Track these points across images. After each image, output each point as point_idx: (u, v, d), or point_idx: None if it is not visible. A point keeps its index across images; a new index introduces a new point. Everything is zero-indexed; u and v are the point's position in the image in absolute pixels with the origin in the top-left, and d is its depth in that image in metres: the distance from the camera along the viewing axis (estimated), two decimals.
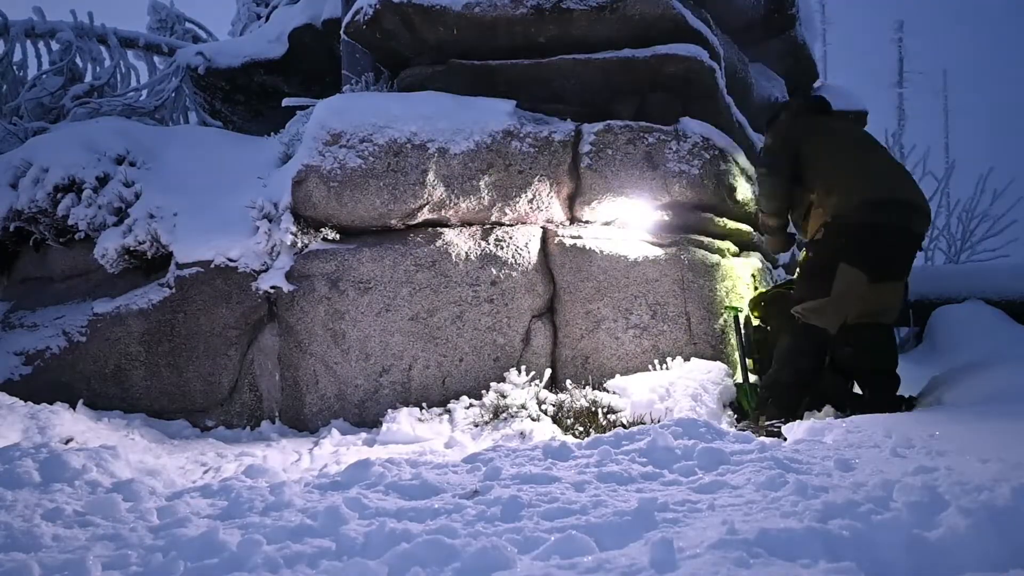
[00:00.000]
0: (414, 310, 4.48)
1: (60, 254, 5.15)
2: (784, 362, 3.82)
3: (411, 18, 4.92)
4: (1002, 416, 3.09)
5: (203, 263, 4.63)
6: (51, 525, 2.18)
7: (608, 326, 4.47)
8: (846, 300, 3.68)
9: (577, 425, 3.95)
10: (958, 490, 1.79)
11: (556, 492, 2.23)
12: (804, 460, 2.46)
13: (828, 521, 1.72)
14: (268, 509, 2.28)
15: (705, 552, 1.58)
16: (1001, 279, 6.18)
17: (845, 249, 3.68)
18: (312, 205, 4.56)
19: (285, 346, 4.58)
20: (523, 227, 4.65)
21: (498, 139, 4.61)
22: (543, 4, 4.75)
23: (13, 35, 7.28)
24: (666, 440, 2.69)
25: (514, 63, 4.98)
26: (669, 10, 4.77)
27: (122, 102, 6.77)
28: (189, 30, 9.00)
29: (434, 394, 4.43)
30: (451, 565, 1.67)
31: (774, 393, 3.81)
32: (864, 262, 3.66)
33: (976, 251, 11.33)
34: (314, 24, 6.86)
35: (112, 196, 4.88)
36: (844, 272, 3.66)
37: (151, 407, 4.62)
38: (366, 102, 4.85)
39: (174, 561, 1.79)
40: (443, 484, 2.41)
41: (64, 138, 5.30)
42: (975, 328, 5.42)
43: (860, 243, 3.67)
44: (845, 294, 3.67)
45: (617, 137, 4.64)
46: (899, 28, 19.58)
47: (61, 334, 4.74)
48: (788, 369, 3.80)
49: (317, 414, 4.49)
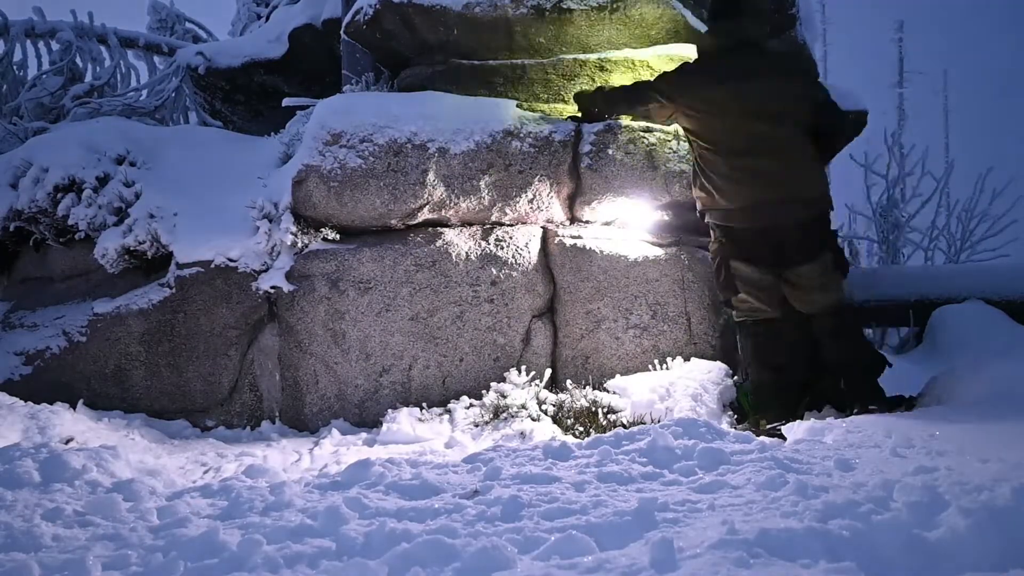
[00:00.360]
0: (414, 310, 4.49)
1: (60, 254, 5.15)
2: (753, 363, 3.94)
3: (411, 18, 4.92)
4: (1002, 416, 3.10)
5: (203, 263, 4.63)
6: (51, 525, 2.18)
7: (608, 326, 4.47)
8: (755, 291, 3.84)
9: (577, 425, 3.95)
10: (958, 490, 1.79)
11: (556, 492, 2.23)
12: (804, 460, 2.47)
13: (828, 521, 1.72)
14: (268, 509, 2.28)
15: (705, 552, 1.58)
16: (1001, 279, 6.17)
17: (729, 248, 3.88)
18: (312, 205, 4.56)
19: (285, 346, 4.59)
20: (523, 227, 4.65)
21: (498, 139, 4.61)
22: (543, 4, 4.75)
23: (13, 35, 7.28)
24: (666, 440, 2.69)
25: (514, 63, 4.98)
26: (669, 10, 4.77)
27: (122, 102, 6.77)
28: (189, 30, 9.00)
29: (434, 394, 4.43)
30: (451, 565, 1.67)
31: (762, 396, 3.89)
32: (750, 257, 3.83)
33: (976, 251, 11.32)
34: (314, 24, 6.86)
35: (112, 196, 4.88)
36: (737, 268, 3.86)
37: (151, 407, 4.62)
38: (366, 102, 4.85)
39: (174, 561, 1.79)
40: (443, 484, 2.41)
41: (64, 138, 5.29)
42: (975, 328, 5.41)
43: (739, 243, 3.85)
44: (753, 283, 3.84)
45: (617, 137, 4.64)
46: (899, 28, 19.57)
47: (61, 334, 4.74)
48: (761, 368, 3.90)
49: (317, 414, 4.50)
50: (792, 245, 3.81)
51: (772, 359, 3.88)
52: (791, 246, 3.81)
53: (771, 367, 3.87)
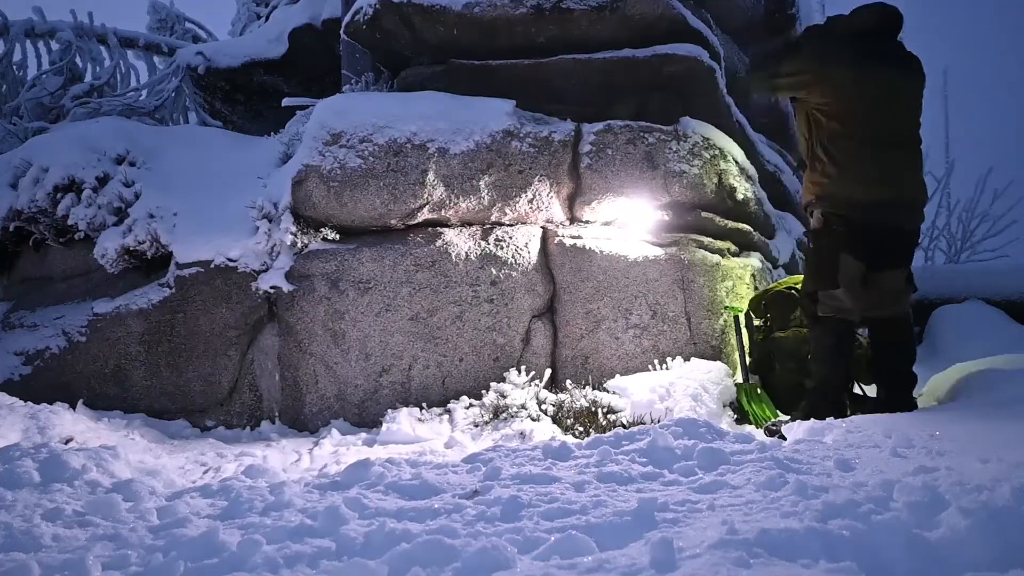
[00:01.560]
0: (414, 310, 4.48)
1: (60, 254, 5.16)
2: (828, 362, 3.78)
3: (411, 18, 4.92)
4: (1002, 416, 3.10)
5: (203, 263, 4.63)
6: (51, 525, 2.18)
7: (608, 326, 4.47)
8: (855, 288, 3.69)
9: (577, 425, 3.95)
10: (958, 490, 1.79)
11: (556, 492, 2.23)
12: (804, 460, 2.46)
13: (828, 521, 1.72)
14: (268, 509, 2.28)
15: (705, 552, 1.58)
16: (1001, 279, 6.18)
17: (844, 239, 3.70)
18: (312, 205, 4.56)
19: (285, 346, 4.58)
20: (523, 227, 4.65)
21: (498, 139, 4.61)
22: (543, 4, 4.75)
23: (13, 35, 7.29)
24: (666, 440, 2.69)
25: (514, 63, 4.97)
26: (669, 10, 4.77)
27: (122, 102, 6.78)
28: (189, 30, 9.01)
29: (434, 394, 4.43)
30: (451, 565, 1.67)
31: (827, 394, 3.74)
32: (861, 253, 3.69)
33: (976, 251, 11.34)
34: (314, 24, 6.87)
35: (112, 196, 4.88)
36: (846, 262, 3.68)
37: (151, 407, 4.62)
38: (366, 102, 4.85)
39: (174, 561, 1.79)
40: (443, 484, 2.41)
41: (64, 138, 5.29)
42: (975, 328, 5.42)
43: (855, 236, 3.70)
44: (853, 281, 3.68)
45: (617, 137, 4.64)
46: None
47: (61, 334, 4.74)
48: (835, 368, 3.77)
49: (317, 414, 4.49)
50: (902, 248, 3.80)
51: (840, 360, 3.79)
52: (901, 249, 3.79)
53: (843, 368, 3.80)
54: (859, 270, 3.69)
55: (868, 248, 3.69)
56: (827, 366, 3.77)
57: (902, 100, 3.76)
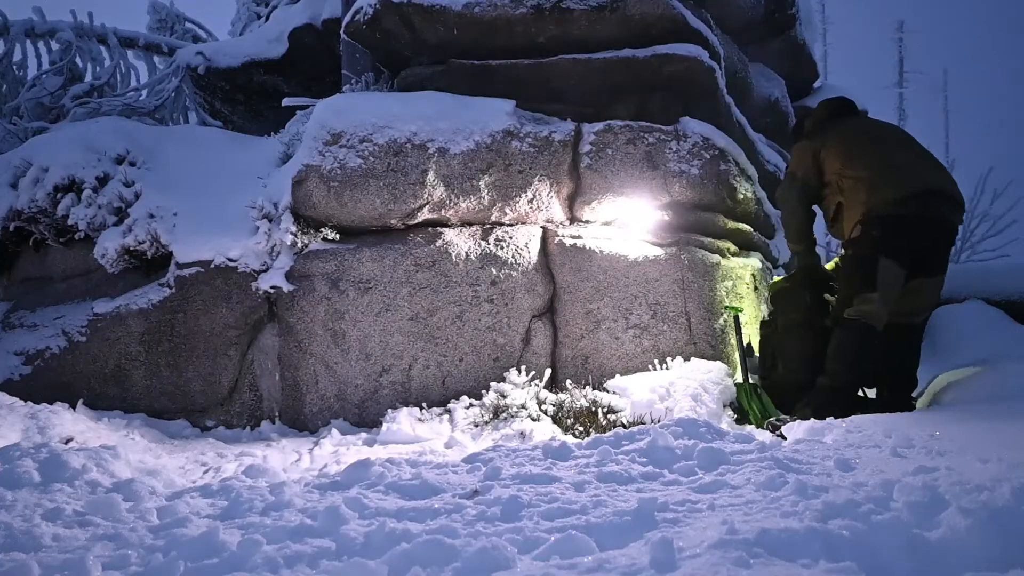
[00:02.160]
0: (414, 310, 4.48)
1: (60, 254, 5.15)
2: (846, 362, 3.77)
3: (411, 18, 4.92)
4: (1002, 416, 3.10)
5: (203, 263, 4.63)
6: (51, 525, 2.18)
7: (608, 326, 4.47)
8: (891, 294, 3.68)
9: (577, 425, 3.95)
10: (958, 490, 1.79)
11: (556, 492, 2.23)
12: (804, 460, 2.46)
13: (828, 521, 1.72)
14: (268, 509, 2.28)
15: (705, 552, 1.58)
16: (1001, 279, 6.17)
17: (883, 242, 3.70)
18: (312, 205, 4.56)
19: (285, 346, 4.58)
20: (523, 227, 4.65)
21: (498, 139, 4.61)
22: (543, 4, 4.74)
23: (13, 35, 7.28)
24: (666, 440, 2.69)
25: (514, 63, 4.97)
26: (669, 10, 4.77)
27: (122, 102, 6.77)
28: (189, 30, 9.00)
29: (434, 394, 4.43)
30: (451, 565, 1.67)
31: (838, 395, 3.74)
32: (902, 255, 3.69)
33: (976, 251, 11.34)
34: (314, 24, 6.86)
35: (112, 196, 4.88)
36: (885, 266, 3.67)
37: (151, 407, 4.62)
38: (366, 102, 4.85)
39: (174, 561, 1.79)
40: (443, 484, 2.41)
41: (64, 138, 5.29)
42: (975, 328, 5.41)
43: (896, 236, 3.69)
44: (891, 287, 3.68)
45: (617, 137, 4.64)
46: (899, 28, 19.59)
47: (61, 334, 4.74)
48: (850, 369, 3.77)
49: (317, 414, 4.49)
50: (941, 251, 3.86)
51: (865, 363, 3.80)
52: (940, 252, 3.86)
53: (860, 370, 3.81)
54: (899, 276, 3.69)
55: (909, 250, 3.70)
56: (845, 366, 3.77)
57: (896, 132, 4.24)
